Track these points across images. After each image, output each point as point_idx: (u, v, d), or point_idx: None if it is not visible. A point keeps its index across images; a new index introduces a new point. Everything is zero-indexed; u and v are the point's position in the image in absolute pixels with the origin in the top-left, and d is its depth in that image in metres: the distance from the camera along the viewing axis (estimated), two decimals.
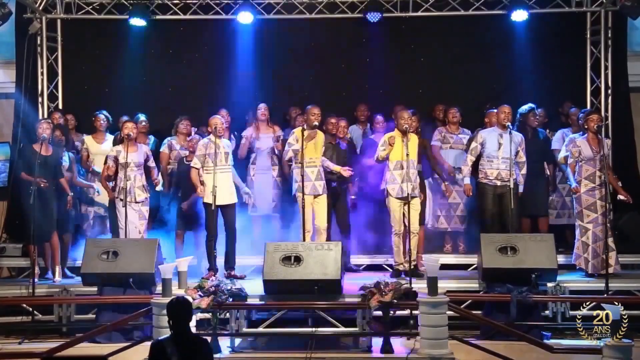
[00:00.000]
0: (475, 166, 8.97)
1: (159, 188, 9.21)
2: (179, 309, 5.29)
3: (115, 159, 8.73)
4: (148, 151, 9.04)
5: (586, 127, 8.69)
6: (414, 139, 8.69)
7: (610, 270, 8.39)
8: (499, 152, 8.76)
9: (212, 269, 8.45)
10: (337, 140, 9.25)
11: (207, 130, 8.79)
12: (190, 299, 6.99)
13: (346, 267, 8.79)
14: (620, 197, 8.76)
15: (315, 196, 8.70)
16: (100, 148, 9.62)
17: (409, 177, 8.42)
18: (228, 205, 8.61)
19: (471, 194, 8.93)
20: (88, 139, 9.75)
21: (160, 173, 9.40)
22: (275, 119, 10.05)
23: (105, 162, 8.94)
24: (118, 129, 9.24)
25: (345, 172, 8.85)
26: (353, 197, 9.39)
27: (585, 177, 8.62)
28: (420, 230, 8.94)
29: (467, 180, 8.93)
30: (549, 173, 9.63)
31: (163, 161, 9.54)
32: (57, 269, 8.84)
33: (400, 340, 7.30)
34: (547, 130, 9.76)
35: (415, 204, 8.63)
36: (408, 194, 8.38)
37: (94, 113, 9.78)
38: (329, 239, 8.68)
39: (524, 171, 8.81)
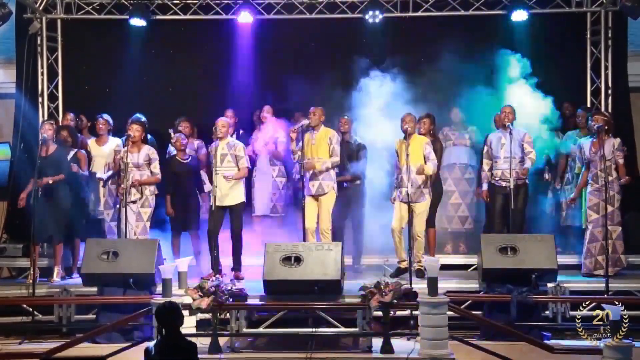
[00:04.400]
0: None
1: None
2: (167, 315, 5.26)
3: (120, 158, 8.72)
4: (152, 154, 8.84)
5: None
6: (417, 141, 8.65)
7: (617, 269, 8.49)
8: (501, 151, 8.82)
9: (215, 270, 8.42)
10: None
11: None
12: (190, 299, 7.02)
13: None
14: (622, 181, 8.62)
15: (318, 196, 8.68)
16: (100, 150, 9.58)
17: (409, 180, 8.40)
18: (231, 206, 8.60)
19: (488, 199, 8.93)
20: (91, 141, 9.73)
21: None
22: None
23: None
24: (123, 130, 9.19)
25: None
26: None
27: (590, 178, 8.67)
28: (431, 232, 8.99)
29: (484, 187, 8.99)
30: (547, 177, 9.64)
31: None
32: (57, 269, 8.82)
33: (400, 341, 7.29)
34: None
35: (418, 207, 8.60)
36: (408, 194, 8.37)
37: (96, 116, 9.72)
38: (339, 239, 8.61)
39: (528, 164, 8.76)
